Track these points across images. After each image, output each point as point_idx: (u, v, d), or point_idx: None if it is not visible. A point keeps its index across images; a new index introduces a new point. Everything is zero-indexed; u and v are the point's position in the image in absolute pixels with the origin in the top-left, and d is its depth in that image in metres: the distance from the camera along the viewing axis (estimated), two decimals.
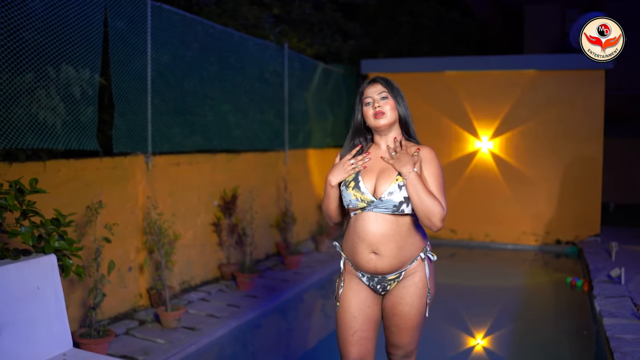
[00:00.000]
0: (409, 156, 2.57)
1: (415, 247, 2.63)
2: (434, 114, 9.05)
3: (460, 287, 6.90)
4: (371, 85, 2.70)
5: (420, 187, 2.49)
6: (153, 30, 5.34)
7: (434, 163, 2.63)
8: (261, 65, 7.41)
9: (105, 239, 4.17)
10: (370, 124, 2.68)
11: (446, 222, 8.73)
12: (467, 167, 8.96)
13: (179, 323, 4.85)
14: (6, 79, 4.22)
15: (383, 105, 2.64)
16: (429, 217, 2.48)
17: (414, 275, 2.64)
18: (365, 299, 2.71)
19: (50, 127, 4.36)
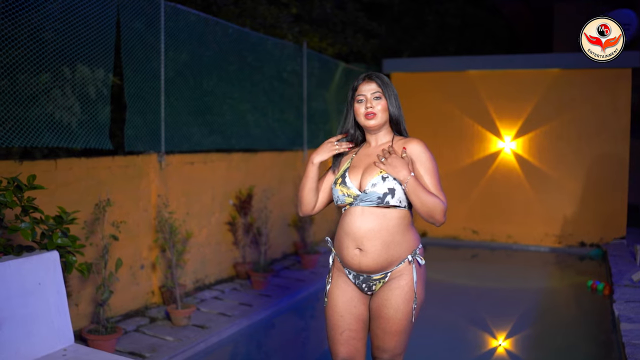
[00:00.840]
0: (401, 160, 2.52)
1: (403, 247, 2.57)
2: (456, 114, 8.95)
3: (481, 289, 6.82)
4: (366, 82, 2.66)
5: (420, 191, 2.47)
6: (167, 30, 5.38)
7: (425, 156, 2.58)
8: (279, 64, 7.42)
9: (113, 237, 4.20)
10: (361, 123, 2.67)
11: (468, 223, 8.81)
12: (489, 167, 8.84)
13: (189, 321, 4.88)
14: (23, 79, 4.31)
15: (375, 106, 2.61)
16: (432, 215, 2.49)
17: (400, 277, 2.58)
18: (352, 298, 2.68)
19: (65, 126, 4.42)
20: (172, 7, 5.41)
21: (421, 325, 5.41)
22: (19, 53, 4.13)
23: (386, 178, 2.52)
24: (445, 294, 6.56)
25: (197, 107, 5.86)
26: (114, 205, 4.81)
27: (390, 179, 2.52)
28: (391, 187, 2.51)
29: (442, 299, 6.35)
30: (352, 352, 2.67)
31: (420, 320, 5.50)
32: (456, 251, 8.81)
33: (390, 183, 2.51)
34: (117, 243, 4.86)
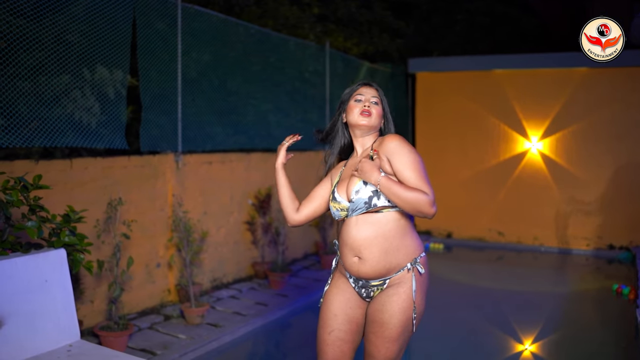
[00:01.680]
0: (369, 163, 2.48)
1: (402, 254, 2.52)
2: (481, 114, 8.84)
3: (506, 292, 6.71)
4: (366, 87, 2.66)
5: (395, 188, 2.40)
6: (184, 31, 5.44)
7: (403, 150, 2.47)
8: (302, 65, 7.43)
9: (124, 235, 4.27)
10: (352, 119, 2.61)
11: (494, 224, 8.69)
12: (515, 168, 8.70)
13: (203, 319, 4.92)
14: (44, 80, 4.41)
15: (372, 108, 2.59)
16: (418, 210, 2.40)
17: (398, 285, 2.52)
18: (349, 299, 2.65)
19: (85, 126, 4.51)
20: (190, 9, 5.47)
21: (445, 328, 5.45)
22: (42, 55, 4.23)
23: (367, 182, 2.49)
24: (469, 297, 6.49)
25: (215, 107, 5.91)
26: (130, 205, 4.90)
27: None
28: (374, 189, 2.47)
29: (466, 302, 6.30)
30: (337, 355, 2.62)
31: (444, 323, 5.55)
32: (481, 253, 8.70)
33: (373, 186, 2.49)
34: (133, 241, 4.94)
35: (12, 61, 4.03)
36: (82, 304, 4.51)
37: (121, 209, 4.74)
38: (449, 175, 9.13)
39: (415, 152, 2.50)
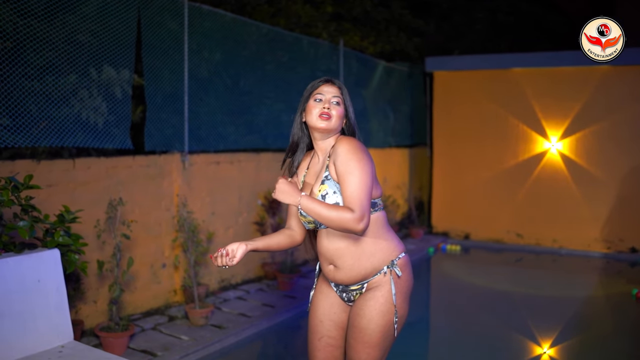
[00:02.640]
0: (287, 185, 2.37)
1: (377, 257, 2.44)
2: (500, 113, 8.68)
3: (525, 295, 6.55)
4: (328, 84, 2.49)
5: (317, 209, 2.28)
6: (194, 30, 5.41)
7: (349, 156, 2.31)
8: (315, 64, 7.37)
9: (124, 235, 4.24)
10: (310, 121, 2.46)
11: (512, 226, 8.53)
12: (534, 168, 8.52)
13: (208, 321, 4.88)
14: (52, 81, 4.41)
15: (332, 110, 2.43)
16: (343, 228, 2.28)
17: (376, 289, 2.45)
18: (332, 305, 2.60)
19: (92, 125, 4.51)
20: (198, 8, 5.44)
21: (461, 332, 5.34)
22: (48, 54, 4.24)
23: (325, 195, 2.39)
24: (487, 300, 6.37)
25: (227, 107, 5.88)
26: (134, 205, 4.88)
27: (330, 193, 2.38)
28: (334, 202, 2.36)
29: (483, 305, 6.17)
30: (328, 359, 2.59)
31: (460, 327, 5.45)
32: (499, 255, 8.53)
33: (332, 198, 2.37)
34: (138, 242, 4.93)
35: (17, 61, 4.03)
36: (84, 304, 4.51)
37: (125, 209, 4.73)
38: (467, 175, 8.99)
39: (362, 159, 2.32)
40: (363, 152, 2.36)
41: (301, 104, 2.53)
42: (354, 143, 2.37)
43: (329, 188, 2.39)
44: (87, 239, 4.36)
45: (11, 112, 4.01)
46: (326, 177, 2.42)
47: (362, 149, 2.37)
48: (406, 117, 9.90)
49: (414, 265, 2.67)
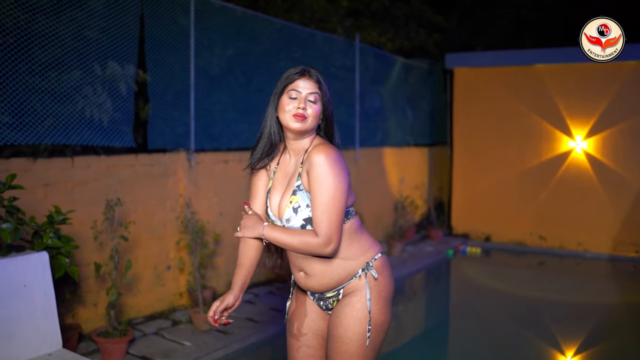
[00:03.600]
0: (250, 219, 2.26)
1: (350, 262, 2.24)
2: (522, 111, 8.37)
3: (548, 301, 6.24)
4: (304, 78, 2.20)
5: (280, 238, 2.16)
6: (204, 25, 5.24)
7: (320, 171, 2.10)
8: (330, 60, 7.16)
9: (122, 237, 4.07)
10: (283, 120, 2.22)
11: (535, 228, 8.21)
12: (558, 168, 8.20)
13: (212, 326, 4.69)
14: (55, 77, 4.28)
15: (308, 108, 2.18)
16: (311, 252, 2.15)
17: (352, 294, 2.25)
18: (310, 313, 2.42)
19: (96, 123, 4.38)
20: (205, 2, 5.26)
21: (481, 339, 5.09)
22: (51, 51, 4.11)
23: (297, 208, 2.19)
24: (507, 305, 6.10)
25: (236, 105, 5.69)
26: (137, 205, 4.72)
27: (303, 206, 2.18)
28: (306, 217, 2.18)
29: (504, 311, 5.91)
30: None
31: (480, 333, 5.20)
32: (521, 258, 8.23)
33: (305, 212, 2.18)
34: (141, 243, 4.77)
35: (18, 57, 3.90)
36: (83, 307, 4.36)
37: (127, 209, 4.58)
38: (488, 175, 8.70)
39: (339, 176, 2.11)
40: (339, 165, 2.13)
41: (274, 97, 2.27)
42: (331, 155, 2.12)
43: (301, 200, 2.19)
44: (86, 241, 4.23)
45: (11, 109, 3.88)
46: (298, 187, 2.22)
47: (339, 162, 2.14)
48: (426, 115, 9.64)
49: (433, 268, 2.47)
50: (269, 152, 2.34)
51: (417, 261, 7.42)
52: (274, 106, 2.26)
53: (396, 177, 8.52)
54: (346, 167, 2.17)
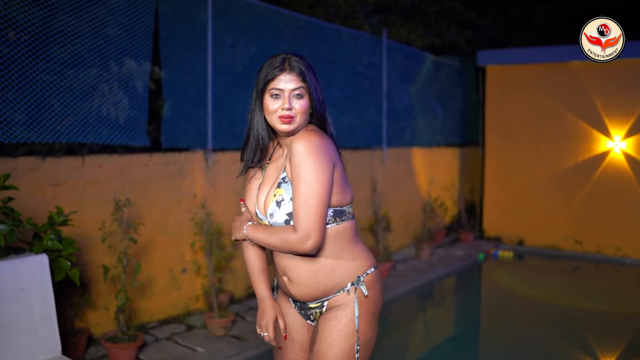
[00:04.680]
0: (239, 220, 2.15)
1: (338, 273, 2.04)
2: (557, 110, 8.03)
3: (584, 309, 5.93)
4: (285, 72, 1.98)
5: (260, 237, 2.03)
6: (222, 22, 5.09)
7: (299, 159, 1.90)
8: (356, 57, 6.96)
9: (131, 239, 3.93)
10: (270, 122, 2.03)
11: (570, 232, 7.84)
12: (595, 170, 7.83)
13: (228, 331, 4.54)
14: (71, 74, 4.18)
15: (295, 106, 1.97)
16: (291, 250, 1.96)
17: (338, 308, 2.05)
18: (293, 322, 2.23)
19: (112, 121, 4.27)
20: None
21: (513, 349, 4.81)
22: (63, 48, 4.01)
23: (281, 202, 2.00)
24: (541, 313, 5.79)
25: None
26: (152, 205, 4.59)
27: (287, 199, 1.99)
28: (290, 212, 1.98)
29: (537, 319, 5.61)
30: None
31: (512, 343, 4.92)
32: (556, 263, 7.89)
33: (288, 206, 1.99)
34: (155, 245, 4.63)
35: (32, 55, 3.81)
36: (94, 310, 4.23)
37: (141, 210, 4.45)
38: (521, 176, 8.38)
39: (318, 164, 1.90)
40: (320, 153, 1.92)
41: (256, 94, 2.06)
42: (311, 141, 1.92)
43: (285, 193, 2.00)
44: (96, 242, 4.11)
45: (25, 107, 3.79)
46: (283, 179, 2.03)
47: (320, 149, 1.93)
48: (457, 114, 9.35)
49: (463, 272, 2.24)
50: (261, 157, 2.15)
51: (446, 265, 7.16)
52: (258, 106, 2.06)
53: (425, 178, 8.26)
54: (331, 155, 1.96)
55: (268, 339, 2.12)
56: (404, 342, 5.18)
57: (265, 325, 2.11)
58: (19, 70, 3.78)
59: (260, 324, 2.13)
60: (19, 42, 3.78)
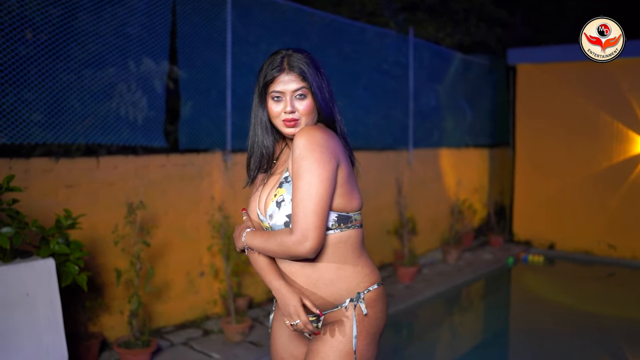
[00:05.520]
0: (237, 229, 2.01)
1: (338, 287, 1.89)
2: (591, 110, 7.75)
3: (619, 318, 5.65)
4: (284, 73, 1.84)
5: (259, 243, 1.88)
6: (238, 19, 4.98)
7: (300, 154, 1.77)
8: (381, 55, 6.79)
9: (144, 242, 3.83)
10: (276, 125, 1.92)
11: (604, 236, 7.55)
12: (631, 172, 7.53)
13: (245, 337, 4.42)
14: (90, 74, 4.11)
15: (298, 108, 1.85)
16: (289, 254, 1.81)
17: (334, 324, 1.89)
18: (290, 336, 2.07)
19: (128, 121, 4.19)
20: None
21: (543, 359, 4.61)
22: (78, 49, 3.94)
23: (281, 202, 1.85)
24: (573, 321, 5.56)
25: None
26: (169, 207, 4.50)
27: (287, 200, 1.84)
28: (289, 214, 1.84)
29: (569, 327, 5.38)
30: None
31: (542, 352, 4.69)
32: (589, 268, 7.61)
33: (288, 207, 1.84)
34: (172, 248, 4.54)
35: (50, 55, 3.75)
36: (109, 315, 4.15)
37: (157, 212, 4.36)
38: (553, 178, 8.11)
39: (320, 160, 1.76)
40: (322, 148, 1.77)
41: (258, 96, 1.93)
42: (314, 136, 1.78)
43: (286, 193, 1.86)
44: (110, 245, 4.02)
45: (42, 107, 3.73)
46: (285, 178, 1.89)
47: (322, 144, 1.78)
48: (486, 114, 9.11)
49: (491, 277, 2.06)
50: (268, 165, 2.02)
51: (474, 269, 6.95)
52: (260, 109, 1.94)
53: (453, 179, 8.05)
54: (335, 152, 1.81)
55: (303, 324, 1.86)
56: (428, 349, 5.01)
57: (295, 311, 1.86)
58: (39, 70, 3.73)
59: (289, 311, 1.87)
60: (38, 42, 3.73)
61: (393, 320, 5.23)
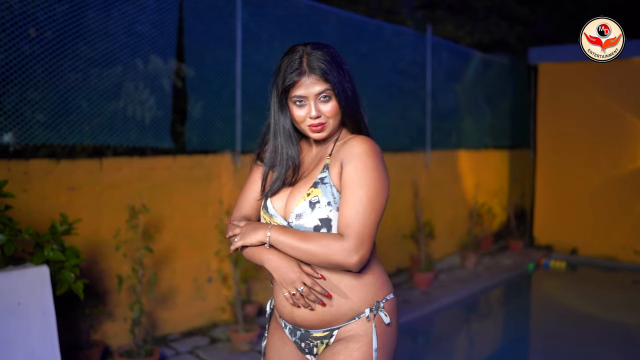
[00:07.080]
0: (252, 225, 1.75)
1: (357, 295, 1.71)
2: (615, 110, 7.49)
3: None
4: (304, 76, 1.70)
5: (289, 241, 1.66)
6: (250, 17, 4.82)
7: (361, 163, 1.66)
8: (398, 54, 6.60)
9: (147, 248, 3.68)
10: (302, 131, 1.79)
11: (629, 241, 7.26)
12: None
13: (253, 346, 4.25)
14: (96, 73, 3.98)
15: (324, 111, 1.72)
16: (331, 263, 1.63)
17: (351, 339, 1.70)
18: (288, 358, 1.87)
19: (136, 121, 4.06)
20: None
21: None
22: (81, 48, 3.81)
23: (316, 203, 1.68)
24: (596, 331, 5.32)
25: None
26: (175, 210, 4.34)
27: (323, 203, 1.68)
28: (324, 217, 1.67)
29: (593, 338, 5.14)
30: None
31: None
32: (613, 275, 7.35)
33: (323, 211, 1.67)
34: (179, 253, 4.39)
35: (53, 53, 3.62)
36: (112, 322, 4.00)
37: (162, 215, 4.21)
38: (575, 181, 7.85)
39: (381, 173, 1.67)
40: (382, 162, 1.71)
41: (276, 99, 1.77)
42: (374, 147, 1.70)
43: (322, 195, 1.69)
44: (112, 250, 3.88)
45: (45, 107, 3.60)
46: (322, 179, 1.72)
47: (382, 158, 1.72)
48: (506, 115, 8.85)
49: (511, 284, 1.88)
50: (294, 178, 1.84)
51: (492, 275, 6.73)
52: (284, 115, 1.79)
53: (472, 182, 7.82)
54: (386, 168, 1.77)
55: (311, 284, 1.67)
56: (445, 358, 4.81)
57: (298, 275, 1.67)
58: (45, 69, 3.60)
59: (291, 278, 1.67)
60: (45, 41, 3.60)
61: (409, 327, 5.04)
